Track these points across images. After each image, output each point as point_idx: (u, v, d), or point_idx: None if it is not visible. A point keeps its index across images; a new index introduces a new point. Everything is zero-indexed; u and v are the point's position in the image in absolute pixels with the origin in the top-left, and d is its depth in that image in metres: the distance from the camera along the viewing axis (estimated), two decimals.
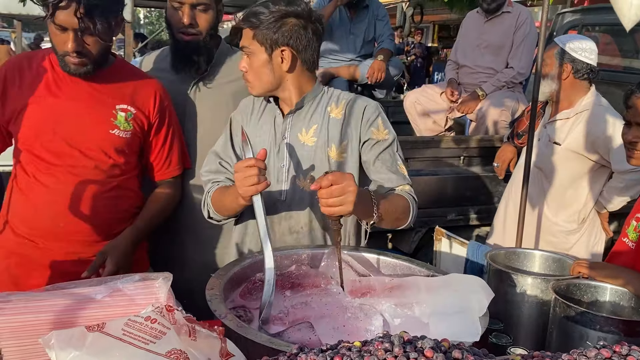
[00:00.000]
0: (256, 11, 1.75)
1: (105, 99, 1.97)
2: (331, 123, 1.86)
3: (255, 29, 1.76)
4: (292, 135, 1.87)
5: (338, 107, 1.88)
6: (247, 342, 1.21)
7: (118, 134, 1.98)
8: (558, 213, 3.00)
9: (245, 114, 1.95)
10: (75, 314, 1.16)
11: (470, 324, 1.33)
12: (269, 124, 1.90)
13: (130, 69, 2.13)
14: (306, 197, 1.88)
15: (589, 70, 2.87)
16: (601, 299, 1.70)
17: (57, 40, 1.82)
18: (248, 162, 1.57)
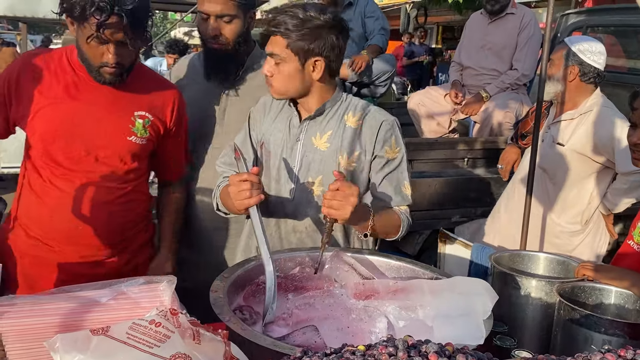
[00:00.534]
0: (289, 20, 1.74)
1: (124, 105, 1.97)
2: (346, 131, 1.89)
3: (288, 38, 1.76)
4: (307, 138, 1.90)
5: (355, 116, 1.91)
6: (252, 345, 1.21)
7: (135, 141, 1.98)
8: (562, 214, 2.99)
9: (262, 111, 1.99)
10: (80, 317, 1.16)
11: (474, 327, 1.33)
12: (284, 124, 1.93)
13: (149, 74, 2.14)
14: (312, 199, 1.91)
15: (596, 75, 2.86)
16: (606, 302, 1.69)
17: (93, 52, 1.82)
18: (241, 177, 1.63)
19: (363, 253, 1.83)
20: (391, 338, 0.89)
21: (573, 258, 1.99)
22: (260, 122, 1.97)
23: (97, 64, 1.84)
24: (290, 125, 1.92)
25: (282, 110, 1.96)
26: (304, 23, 1.75)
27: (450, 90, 4.57)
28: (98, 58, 1.83)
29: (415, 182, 3.60)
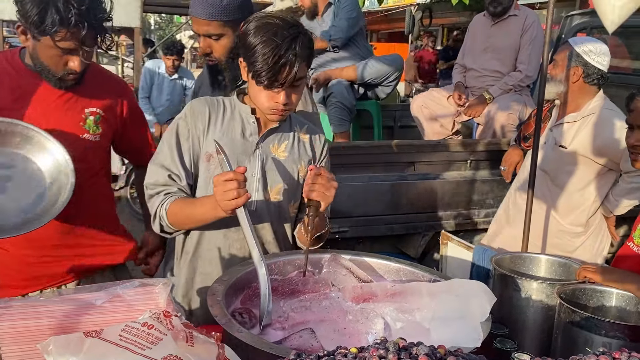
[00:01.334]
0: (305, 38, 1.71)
1: (74, 104, 1.98)
2: (300, 142, 1.94)
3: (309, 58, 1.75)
4: (265, 147, 1.87)
5: (302, 130, 1.97)
6: (247, 348, 1.21)
7: (88, 138, 2.00)
8: (563, 216, 2.97)
9: (200, 121, 1.84)
10: (75, 320, 1.16)
11: (471, 330, 1.32)
12: (236, 132, 1.85)
13: (95, 70, 2.11)
14: (272, 208, 1.89)
15: (600, 76, 2.84)
16: (607, 304, 1.68)
17: (56, 62, 1.83)
18: (227, 176, 1.55)
19: (361, 255, 1.82)
20: (383, 340, 0.88)
21: (574, 260, 1.98)
22: (202, 132, 1.84)
23: (60, 72, 1.86)
24: (245, 133, 1.85)
25: (228, 118, 1.87)
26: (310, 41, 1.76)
27: (453, 92, 4.56)
28: (61, 67, 1.85)
29: (417, 184, 3.62)
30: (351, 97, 4.39)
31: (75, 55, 1.82)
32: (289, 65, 1.65)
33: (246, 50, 1.69)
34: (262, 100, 1.75)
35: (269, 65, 1.64)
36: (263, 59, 1.64)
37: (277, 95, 1.72)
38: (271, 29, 1.65)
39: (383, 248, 3.66)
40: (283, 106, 1.74)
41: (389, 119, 5.33)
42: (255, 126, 1.86)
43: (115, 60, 13.60)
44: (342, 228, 3.42)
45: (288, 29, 1.66)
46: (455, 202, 3.69)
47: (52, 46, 1.78)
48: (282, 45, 1.63)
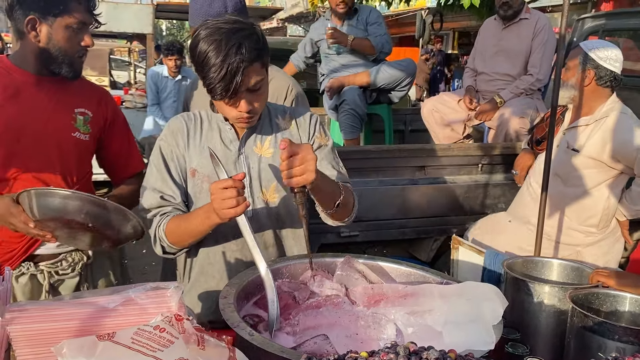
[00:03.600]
0: (250, 40, 1.64)
1: (65, 103, 2.02)
2: (284, 134, 1.89)
3: (262, 58, 1.68)
4: (248, 150, 1.85)
5: (284, 118, 1.92)
6: (259, 352, 1.21)
7: (79, 137, 2.04)
8: (575, 218, 2.96)
9: (179, 138, 1.84)
10: (88, 323, 1.17)
11: (484, 333, 1.31)
12: (215, 142, 1.84)
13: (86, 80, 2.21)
14: (272, 209, 1.87)
15: (612, 78, 2.82)
16: (620, 309, 1.67)
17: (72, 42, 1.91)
18: (225, 183, 1.51)
19: (374, 259, 1.82)
20: (394, 345, 0.88)
21: (587, 264, 1.97)
22: (184, 149, 1.83)
23: (75, 52, 1.95)
24: (225, 141, 1.84)
25: (207, 130, 1.86)
26: (261, 36, 1.71)
27: (464, 96, 4.54)
28: (76, 46, 1.94)
29: (428, 188, 3.61)
30: (363, 104, 4.41)
31: (87, 32, 1.94)
32: (239, 73, 1.59)
33: (197, 64, 1.64)
34: (226, 112, 1.74)
35: (219, 78, 1.59)
36: (212, 71, 1.59)
37: (238, 104, 1.68)
38: (216, 40, 1.59)
39: (394, 252, 3.66)
40: (247, 114, 1.71)
41: (400, 123, 5.33)
42: (233, 132, 1.85)
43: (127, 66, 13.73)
44: (353, 232, 3.42)
45: (231, 36, 1.60)
46: (467, 206, 3.68)
47: (67, 24, 1.89)
48: (227, 56, 1.57)
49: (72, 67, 1.96)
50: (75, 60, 1.96)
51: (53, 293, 2.07)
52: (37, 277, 2.06)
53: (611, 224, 2.96)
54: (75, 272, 2.12)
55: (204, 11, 2.11)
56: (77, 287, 2.12)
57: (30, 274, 2.04)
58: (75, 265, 2.12)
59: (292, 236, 1.94)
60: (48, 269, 2.06)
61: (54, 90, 2.00)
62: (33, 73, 1.97)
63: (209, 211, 1.61)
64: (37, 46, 1.92)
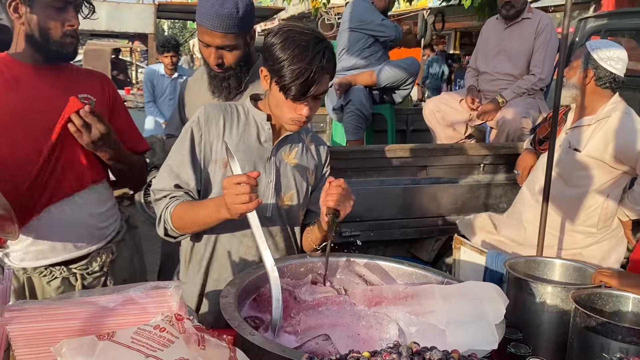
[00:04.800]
0: (329, 52, 1.72)
1: (68, 89, 1.99)
2: (308, 149, 1.97)
3: (333, 71, 1.76)
4: (278, 153, 1.89)
5: (307, 137, 2.00)
6: (260, 351, 1.21)
7: None
8: (576, 218, 2.95)
9: (216, 126, 1.86)
10: (88, 323, 1.16)
11: (488, 332, 1.31)
12: (253, 137, 1.87)
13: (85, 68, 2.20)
14: (284, 214, 1.91)
15: (612, 79, 2.81)
16: (623, 309, 1.66)
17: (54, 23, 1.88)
18: (239, 179, 1.54)
19: (375, 259, 1.81)
20: (396, 345, 0.87)
21: (590, 264, 1.96)
22: (215, 138, 1.85)
23: (59, 35, 1.90)
24: (261, 139, 1.87)
25: (243, 124, 1.88)
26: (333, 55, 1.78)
27: (466, 95, 4.53)
28: (60, 29, 1.89)
29: (430, 188, 3.60)
30: (369, 105, 4.42)
31: (71, 13, 1.89)
32: (318, 80, 1.67)
33: (274, 63, 1.69)
34: (285, 111, 1.76)
35: (299, 81, 1.65)
36: (293, 74, 1.65)
37: (301, 107, 1.73)
38: (300, 44, 1.66)
39: (396, 252, 3.65)
40: (305, 118, 1.76)
41: (402, 122, 5.32)
42: (270, 133, 1.87)
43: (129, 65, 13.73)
44: (355, 232, 3.41)
45: (316, 44, 1.67)
46: (469, 206, 3.66)
47: (47, 3, 1.85)
48: (312, 61, 1.65)
49: (61, 47, 1.92)
50: (63, 41, 1.92)
51: None
52: (69, 280, 2.06)
53: (613, 223, 2.95)
54: (103, 271, 2.13)
55: (215, 11, 2.10)
56: (104, 284, 2.13)
57: (62, 277, 2.04)
58: (104, 263, 2.12)
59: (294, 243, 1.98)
60: (80, 271, 2.07)
61: (54, 79, 1.99)
62: (31, 63, 1.95)
63: (219, 204, 1.64)
64: (24, 32, 1.90)
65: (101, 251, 2.12)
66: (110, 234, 2.16)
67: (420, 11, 13.79)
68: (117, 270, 2.19)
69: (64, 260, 2.03)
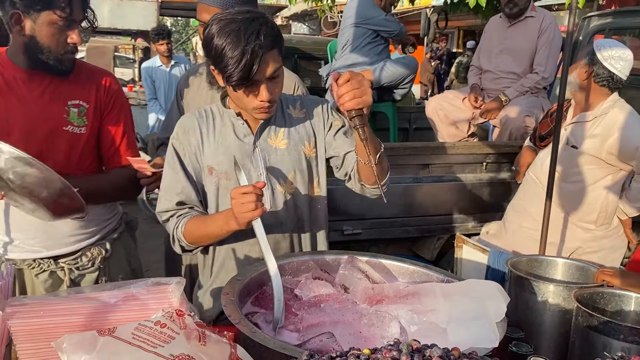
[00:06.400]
0: (266, 28, 1.64)
1: (57, 96, 1.96)
2: (297, 123, 1.91)
3: (278, 45, 1.69)
4: (263, 142, 1.86)
5: (295, 108, 1.93)
6: (261, 348, 1.21)
7: (72, 130, 1.97)
8: (574, 215, 2.95)
9: (194, 138, 1.84)
10: (89, 318, 1.16)
11: (489, 330, 1.30)
12: (229, 138, 1.84)
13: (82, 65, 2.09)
14: (290, 200, 1.88)
15: (609, 78, 2.81)
16: (626, 308, 1.65)
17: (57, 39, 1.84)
18: (245, 189, 1.57)
19: (377, 257, 1.81)
20: (396, 342, 0.87)
21: (592, 263, 1.95)
22: (197, 147, 1.84)
23: (61, 51, 1.87)
24: (239, 136, 1.85)
25: (220, 126, 1.86)
26: (274, 24, 1.73)
27: (469, 94, 4.52)
28: (62, 44, 1.87)
29: (432, 186, 3.60)
30: None
31: (75, 29, 1.86)
32: (258, 59, 1.60)
33: (214, 57, 1.64)
34: (246, 102, 1.73)
35: (239, 65, 1.59)
36: (233, 62, 1.60)
37: (260, 93, 1.69)
38: (233, 29, 1.60)
39: (397, 250, 3.64)
40: (268, 103, 1.71)
41: (404, 121, 5.32)
42: (246, 126, 1.85)
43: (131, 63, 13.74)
44: (356, 230, 3.41)
45: (249, 23, 1.61)
46: (471, 205, 3.66)
47: (51, 21, 1.81)
48: (247, 42, 1.58)
49: (60, 63, 1.90)
50: (64, 57, 1.90)
51: None
52: (57, 274, 2.06)
53: (613, 222, 2.95)
54: (95, 267, 2.12)
55: (218, 1, 2.10)
56: (97, 281, 2.12)
57: (50, 271, 2.04)
58: (94, 259, 2.12)
59: (310, 226, 1.95)
60: (68, 266, 2.06)
61: (46, 84, 1.95)
62: (24, 68, 1.92)
63: (227, 217, 1.65)
64: (23, 41, 1.86)
65: (92, 247, 2.12)
66: (104, 231, 2.16)
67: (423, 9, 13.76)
68: (113, 268, 2.19)
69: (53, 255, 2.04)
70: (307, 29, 22.07)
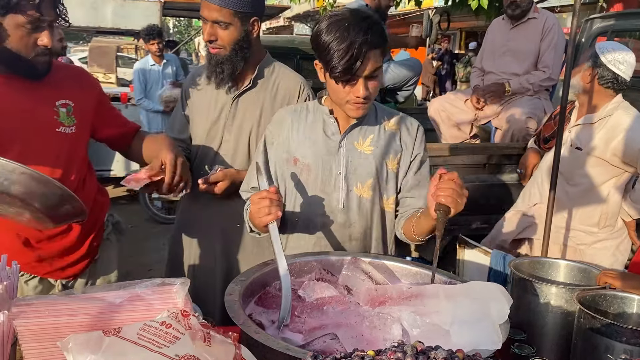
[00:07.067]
0: (375, 28, 1.72)
1: (43, 98, 1.90)
2: (387, 134, 1.94)
3: (382, 45, 1.75)
4: (349, 144, 1.91)
5: (390, 121, 1.96)
6: (264, 349, 1.21)
7: (64, 131, 1.93)
8: (577, 218, 2.95)
9: (285, 128, 1.96)
10: (94, 318, 1.17)
11: (492, 332, 1.30)
12: (318, 133, 1.92)
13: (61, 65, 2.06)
14: (363, 204, 1.92)
15: (614, 80, 2.82)
16: (628, 311, 1.66)
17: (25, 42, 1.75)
18: (261, 194, 1.64)
19: (380, 258, 1.82)
20: (401, 344, 0.87)
21: (594, 265, 1.96)
22: (286, 138, 1.95)
23: (31, 54, 1.78)
24: (327, 133, 1.92)
25: (311, 121, 1.95)
26: (382, 27, 1.79)
27: (471, 95, 4.53)
28: (31, 48, 1.77)
29: None
30: None
31: (44, 31, 1.77)
32: (364, 56, 1.68)
33: (321, 50, 1.73)
34: (342, 96, 1.79)
35: (344, 60, 1.67)
36: (338, 54, 1.68)
37: (355, 88, 1.75)
38: (342, 25, 1.69)
39: (400, 251, 3.63)
40: (363, 99, 1.77)
41: None
42: (336, 125, 1.91)
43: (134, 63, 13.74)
44: None
45: (360, 21, 1.69)
46: (473, 206, 3.65)
47: (17, 24, 1.71)
48: (355, 38, 1.66)
49: (32, 68, 1.81)
50: (35, 59, 1.80)
51: None
52: (48, 280, 2.04)
53: (617, 224, 2.95)
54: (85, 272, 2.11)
55: None
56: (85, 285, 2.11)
57: (40, 277, 2.02)
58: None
59: (376, 235, 1.98)
60: None
61: (29, 87, 1.86)
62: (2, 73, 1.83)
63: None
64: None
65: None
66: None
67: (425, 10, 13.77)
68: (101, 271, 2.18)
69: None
70: (310, 30, 22.07)
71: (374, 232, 1.96)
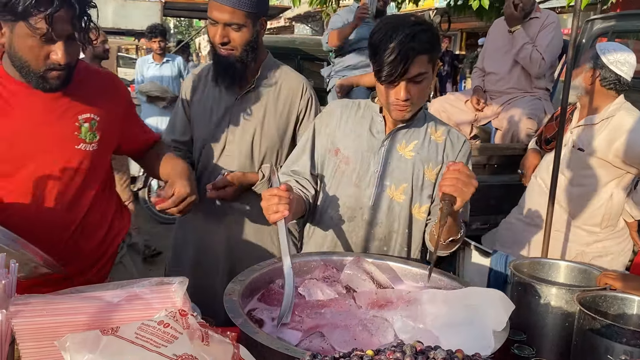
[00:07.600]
0: (424, 34, 1.74)
1: (65, 112, 1.74)
2: (431, 144, 1.95)
3: (430, 52, 1.77)
4: (391, 145, 1.92)
5: (437, 131, 1.97)
6: (263, 348, 1.21)
7: (84, 148, 1.77)
8: (579, 218, 2.95)
9: (334, 118, 2.01)
10: (92, 317, 1.16)
11: (481, 337, 1.30)
12: (364, 129, 1.96)
13: (86, 69, 1.86)
14: (393, 206, 1.93)
15: (616, 81, 2.82)
16: (628, 312, 1.65)
17: (35, 54, 1.58)
18: (271, 192, 1.64)
19: (383, 259, 1.82)
20: (400, 343, 0.87)
21: (595, 266, 1.95)
22: (334, 129, 1.99)
23: (41, 68, 1.60)
24: (373, 131, 1.94)
25: (359, 117, 1.98)
26: (433, 33, 1.80)
27: (472, 96, 4.52)
28: (42, 61, 1.59)
29: None
30: None
31: (58, 44, 1.57)
32: (406, 59, 1.70)
33: (372, 50, 1.77)
34: (385, 97, 1.83)
35: (388, 61, 1.70)
36: (382, 55, 1.71)
37: (396, 90, 1.77)
38: (392, 27, 1.72)
39: None
40: (403, 102, 1.78)
41: None
42: (382, 124, 1.93)
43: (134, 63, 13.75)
44: None
45: (409, 26, 1.72)
46: (473, 207, 3.65)
47: (28, 33, 1.54)
48: (401, 42, 1.69)
49: (43, 82, 1.63)
50: (45, 76, 1.62)
51: None
52: None
53: (618, 225, 2.95)
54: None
55: None
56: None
57: None
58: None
59: (401, 240, 1.99)
60: None
61: (50, 99, 1.70)
62: (23, 82, 1.67)
63: None
64: (7, 51, 1.63)
65: None
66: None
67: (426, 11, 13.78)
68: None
69: None
70: (310, 30, 22.09)
71: (399, 237, 1.97)
